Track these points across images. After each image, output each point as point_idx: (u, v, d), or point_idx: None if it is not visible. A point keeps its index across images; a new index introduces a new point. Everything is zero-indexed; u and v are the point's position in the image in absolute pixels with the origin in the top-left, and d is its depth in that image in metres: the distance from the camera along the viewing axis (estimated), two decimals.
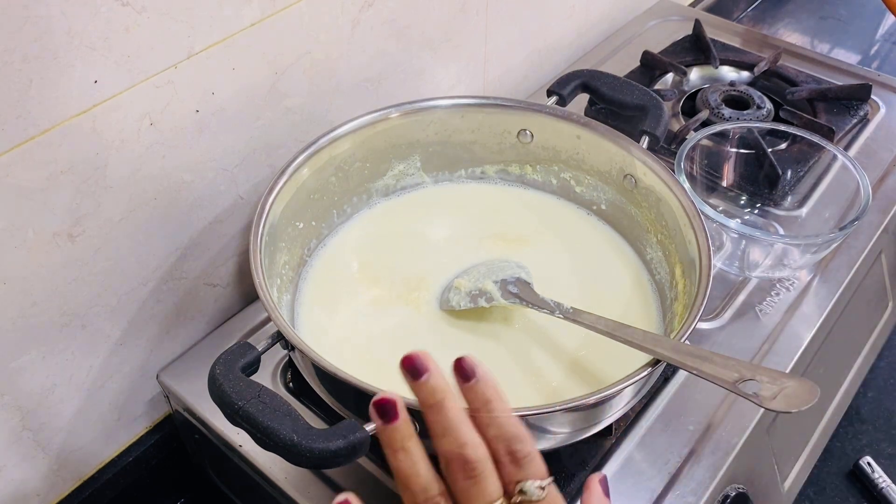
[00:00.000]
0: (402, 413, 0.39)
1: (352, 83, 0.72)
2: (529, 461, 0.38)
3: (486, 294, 0.62)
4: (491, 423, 0.38)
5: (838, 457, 0.89)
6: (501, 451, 0.38)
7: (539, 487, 0.37)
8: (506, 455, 0.38)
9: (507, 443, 0.38)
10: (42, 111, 0.50)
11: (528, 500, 0.37)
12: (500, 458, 0.38)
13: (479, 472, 0.37)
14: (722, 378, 0.47)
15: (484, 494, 0.37)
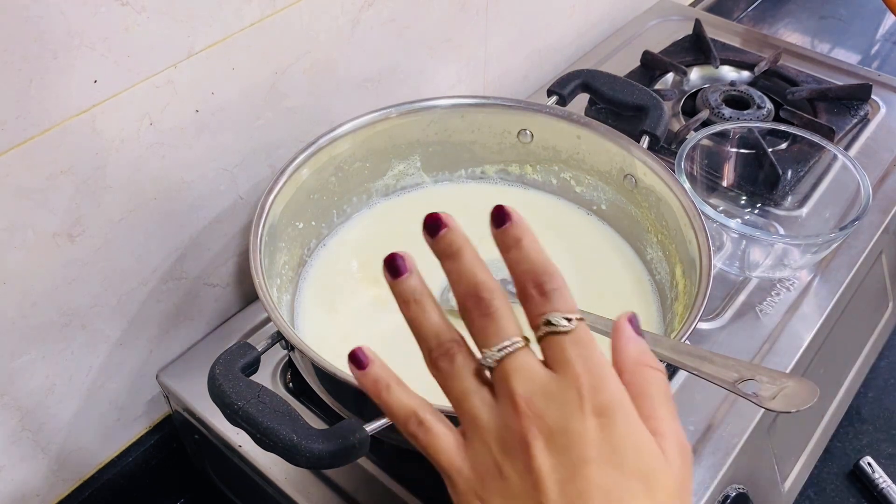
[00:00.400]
0: (412, 269, 0.38)
1: (352, 83, 0.72)
2: (558, 295, 0.35)
3: None
4: (521, 260, 0.37)
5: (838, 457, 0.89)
6: (529, 285, 0.36)
7: (566, 318, 0.34)
8: (533, 288, 0.35)
9: (535, 276, 0.36)
10: (42, 111, 0.50)
11: (555, 331, 0.34)
12: (529, 291, 0.36)
13: (494, 309, 0.35)
14: (722, 378, 0.47)
15: (500, 331, 0.35)
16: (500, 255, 0.70)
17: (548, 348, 0.34)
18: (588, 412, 0.32)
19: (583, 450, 0.32)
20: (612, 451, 0.32)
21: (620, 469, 0.32)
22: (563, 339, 0.34)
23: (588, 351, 0.34)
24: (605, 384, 0.33)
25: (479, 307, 0.36)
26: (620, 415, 0.33)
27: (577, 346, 0.34)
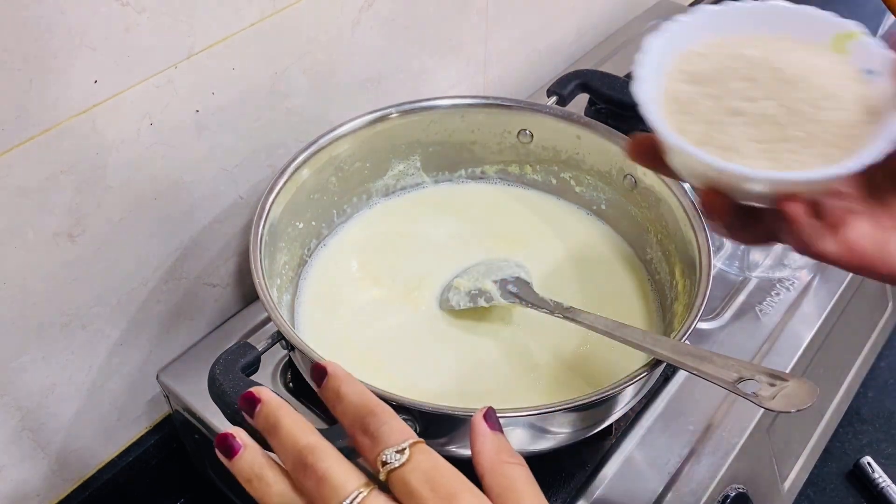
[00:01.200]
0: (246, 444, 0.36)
1: (352, 83, 0.72)
2: (385, 430, 0.34)
3: (485, 294, 0.62)
4: (346, 410, 0.36)
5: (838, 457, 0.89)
6: (358, 433, 0.35)
7: (397, 452, 0.33)
8: (362, 435, 0.35)
9: (360, 421, 0.35)
10: (42, 111, 0.50)
11: (392, 467, 0.33)
12: (359, 440, 0.35)
13: (324, 471, 0.33)
14: (722, 378, 0.47)
15: (339, 490, 0.33)
16: (498, 255, 0.70)
17: (393, 486, 0.33)
18: None
19: None
20: None
21: None
22: (402, 471, 0.33)
23: (430, 473, 0.33)
24: (456, 498, 0.32)
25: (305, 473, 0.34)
26: None
27: (416, 472, 0.33)
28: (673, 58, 0.40)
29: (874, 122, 0.35)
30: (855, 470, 0.87)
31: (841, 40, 0.37)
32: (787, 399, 0.45)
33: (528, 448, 0.53)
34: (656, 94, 0.38)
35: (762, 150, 0.35)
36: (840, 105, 0.36)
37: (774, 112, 0.36)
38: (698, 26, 0.40)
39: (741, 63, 0.37)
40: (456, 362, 0.60)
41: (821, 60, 0.37)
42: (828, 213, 0.35)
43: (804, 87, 0.36)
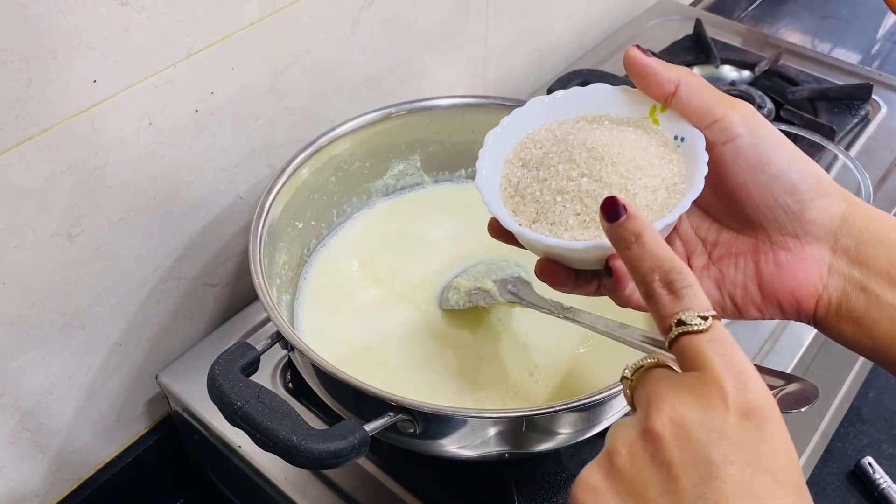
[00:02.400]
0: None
1: (352, 83, 0.72)
2: (690, 292, 0.33)
3: (485, 293, 0.62)
4: (644, 257, 0.34)
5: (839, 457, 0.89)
6: (657, 284, 0.34)
7: (700, 317, 0.32)
8: (662, 287, 0.33)
9: (663, 274, 0.33)
10: (41, 111, 0.49)
11: (689, 330, 0.32)
12: (656, 291, 0.34)
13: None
14: None
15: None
16: (498, 255, 0.70)
17: (683, 350, 0.32)
18: (732, 410, 0.30)
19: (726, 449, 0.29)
20: (758, 455, 0.29)
21: (772, 476, 0.29)
22: (700, 338, 0.32)
23: (729, 350, 0.31)
24: (749, 384, 0.30)
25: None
26: (772, 417, 0.30)
27: (715, 344, 0.32)
28: (511, 146, 0.44)
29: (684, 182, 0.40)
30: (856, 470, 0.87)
31: (654, 112, 0.42)
32: (789, 399, 0.45)
33: (528, 448, 0.53)
34: (496, 181, 0.44)
35: (582, 223, 0.40)
36: (649, 174, 0.40)
37: (590, 188, 0.40)
38: (532, 116, 0.45)
39: (563, 146, 0.42)
40: (456, 362, 0.60)
41: (634, 135, 0.41)
42: None
43: (617, 161, 0.40)
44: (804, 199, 0.38)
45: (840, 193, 0.39)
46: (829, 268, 0.39)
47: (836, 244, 0.38)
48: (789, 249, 0.39)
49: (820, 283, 0.39)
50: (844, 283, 0.38)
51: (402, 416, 0.47)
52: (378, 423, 0.47)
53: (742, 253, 0.41)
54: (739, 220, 0.40)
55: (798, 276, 0.39)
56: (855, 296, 0.38)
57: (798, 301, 0.39)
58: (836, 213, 0.38)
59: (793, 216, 0.38)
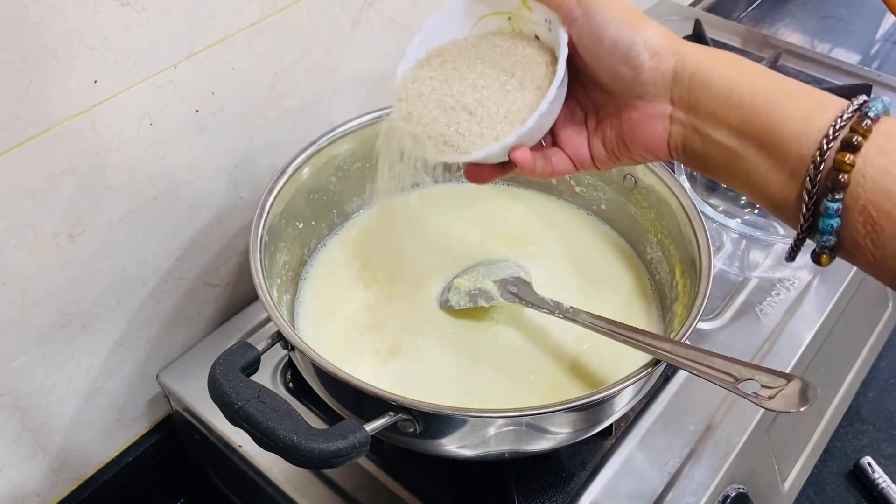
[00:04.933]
0: None
1: (352, 83, 0.72)
2: None
3: (485, 294, 0.62)
4: None
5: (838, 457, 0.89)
6: None
7: None
8: None
9: None
10: (42, 111, 0.50)
11: None
12: None
13: None
14: (722, 378, 0.47)
15: None
16: (498, 255, 0.70)
17: None
18: None
19: None
20: None
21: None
22: None
23: None
24: None
25: None
26: None
27: None
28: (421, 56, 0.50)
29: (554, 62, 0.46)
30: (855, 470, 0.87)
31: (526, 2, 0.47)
32: (787, 399, 0.45)
33: (528, 448, 0.53)
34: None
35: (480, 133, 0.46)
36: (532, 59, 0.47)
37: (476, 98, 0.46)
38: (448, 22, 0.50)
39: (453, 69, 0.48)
40: (456, 362, 0.60)
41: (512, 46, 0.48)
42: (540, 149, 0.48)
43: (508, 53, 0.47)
44: (636, 65, 0.42)
45: (670, 50, 0.42)
46: (670, 118, 0.43)
47: (673, 96, 0.43)
48: (637, 108, 0.44)
49: (665, 132, 0.44)
50: (683, 129, 0.43)
51: (402, 416, 0.48)
52: (378, 423, 0.47)
53: (613, 114, 0.46)
54: (601, 88, 0.46)
55: (646, 130, 0.44)
56: (693, 138, 0.43)
57: (652, 150, 0.45)
58: (668, 70, 0.42)
59: (631, 81, 0.43)
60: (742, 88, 0.40)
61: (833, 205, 0.37)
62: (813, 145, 0.37)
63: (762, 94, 0.40)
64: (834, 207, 0.37)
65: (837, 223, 0.37)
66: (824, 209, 0.37)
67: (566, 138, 0.48)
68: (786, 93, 0.40)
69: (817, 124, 0.38)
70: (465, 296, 0.63)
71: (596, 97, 0.47)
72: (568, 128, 0.48)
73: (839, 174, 0.36)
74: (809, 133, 0.38)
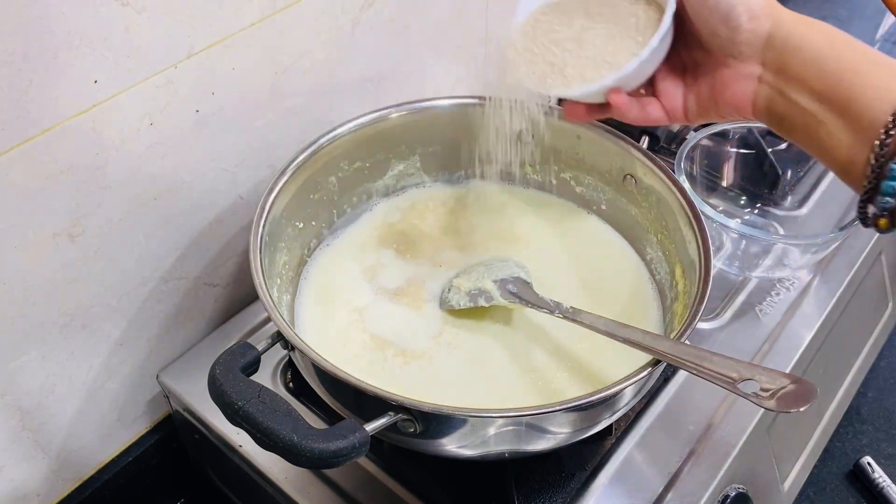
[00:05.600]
0: None
1: (352, 83, 0.72)
2: None
3: (485, 293, 0.62)
4: None
5: (838, 457, 0.89)
6: None
7: None
8: None
9: None
10: (42, 111, 0.50)
11: None
12: None
13: None
14: (722, 378, 0.47)
15: None
16: (498, 255, 0.70)
17: None
18: None
19: None
20: None
21: None
22: None
23: None
24: None
25: None
26: None
27: None
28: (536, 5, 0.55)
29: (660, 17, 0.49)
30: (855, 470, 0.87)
31: None
32: (787, 399, 0.45)
33: (528, 448, 0.53)
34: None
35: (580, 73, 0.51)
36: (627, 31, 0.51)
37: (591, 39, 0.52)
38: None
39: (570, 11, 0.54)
40: (456, 362, 0.60)
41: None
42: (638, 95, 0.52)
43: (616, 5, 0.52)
44: (734, 26, 0.46)
45: (767, 14, 0.45)
46: (758, 79, 0.47)
47: (765, 58, 0.46)
48: (730, 66, 0.48)
49: (752, 93, 0.47)
50: (770, 90, 0.46)
51: (402, 416, 0.48)
52: (378, 423, 0.47)
53: (709, 71, 0.49)
54: (701, 46, 0.49)
55: (735, 89, 0.48)
56: (777, 100, 0.46)
57: (738, 108, 0.48)
58: (763, 33, 0.45)
59: (727, 40, 0.46)
60: (829, 56, 0.44)
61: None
62: (888, 111, 0.41)
63: (848, 63, 0.43)
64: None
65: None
66: (889, 171, 0.41)
67: (664, 90, 0.52)
68: (871, 63, 0.43)
69: (894, 94, 0.41)
70: (465, 295, 0.63)
71: (696, 54, 0.50)
72: (667, 80, 0.52)
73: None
74: (885, 100, 0.41)
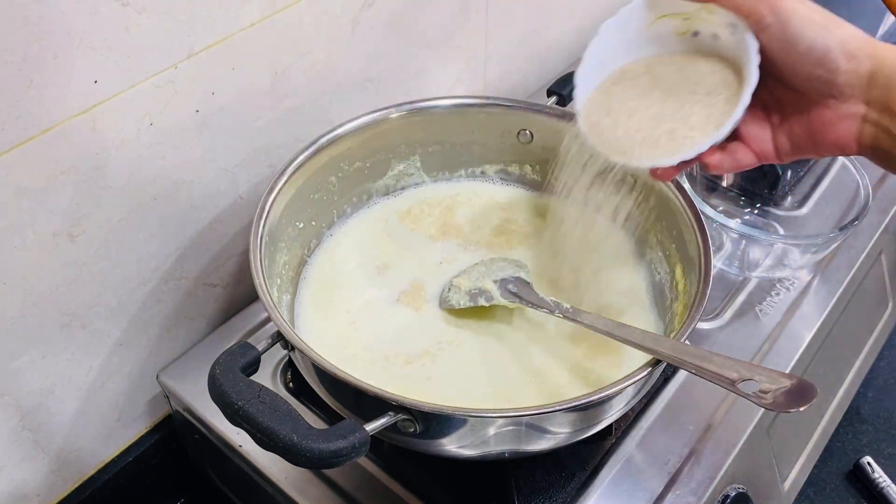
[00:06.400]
0: None
1: (352, 83, 0.72)
2: None
3: (485, 293, 0.62)
4: None
5: (838, 457, 0.89)
6: None
7: None
8: None
9: None
10: (42, 111, 0.50)
11: None
12: None
13: None
14: (722, 378, 0.47)
15: None
16: (498, 255, 0.70)
17: None
18: None
19: None
20: None
21: None
22: None
23: None
24: None
25: None
26: None
27: None
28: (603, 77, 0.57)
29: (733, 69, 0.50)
30: (855, 470, 0.87)
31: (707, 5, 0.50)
32: (787, 399, 0.45)
33: (528, 448, 0.53)
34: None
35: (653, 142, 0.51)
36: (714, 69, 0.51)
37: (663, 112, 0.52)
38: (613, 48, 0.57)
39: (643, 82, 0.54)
40: (456, 362, 0.60)
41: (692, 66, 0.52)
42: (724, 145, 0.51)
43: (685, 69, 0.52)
44: (832, 68, 0.44)
45: (867, 53, 0.44)
46: (863, 118, 0.46)
47: (869, 97, 0.45)
48: (829, 107, 0.46)
49: (857, 131, 0.46)
50: (875, 128, 0.45)
51: (402, 416, 0.48)
52: (378, 423, 0.47)
53: (802, 111, 0.48)
54: (791, 88, 0.48)
55: (838, 129, 0.47)
56: (884, 139, 0.45)
57: (841, 148, 0.48)
58: (864, 72, 0.44)
59: (826, 83, 0.45)
60: None
61: None
62: None
63: None
64: None
65: None
66: None
67: (749, 133, 0.51)
68: None
69: None
70: (465, 295, 0.63)
71: (781, 94, 0.49)
72: (750, 124, 0.51)
73: None
74: None
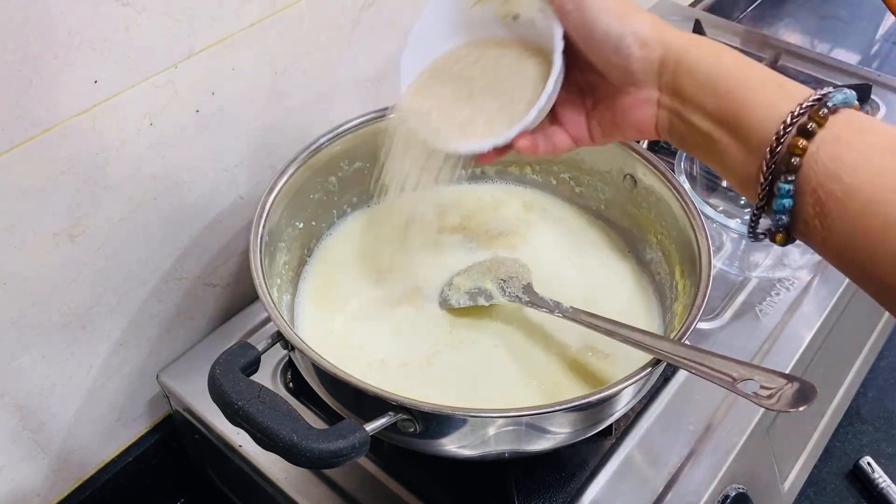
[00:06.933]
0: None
1: (352, 83, 0.72)
2: None
3: (485, 292, 0.62)
4: None
5: (838, 457, 0.89)
6: None
7: None
8: None
9: None
10: (42, 111, 0.50)
11: None
12: None
13: None
14: (722, 378, 0.47)
15: None
16: (498, 255, 0.70)
17: None
18: None
19: None
20: None
21: None
22: None
23: None
24: None
25: None
26: None
27: None
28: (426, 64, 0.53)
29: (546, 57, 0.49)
30: (855, 470, 0.87)
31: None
32: (787, 399, 0.45)
33: (528, 448, 0.53)
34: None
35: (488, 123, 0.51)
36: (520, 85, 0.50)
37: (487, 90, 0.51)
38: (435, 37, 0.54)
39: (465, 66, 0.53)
40: (456, 362, 0.60)
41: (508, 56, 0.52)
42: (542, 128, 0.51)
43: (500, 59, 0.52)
44: (626, 55, 0.45)
45: (657, 39, 0.45)
46: (657, 103, 0.46)
47: (660, 82, 0.46)
48: (629, 93, 0.47)
49: (653, 116, 0.47)
50: (669, 113, 0.46)
51: (402, 416, 0.48)
52: (378, 423, 0.47)
53: (608, 96, 0.49)
54: (597, 71, 0.48)
55: (637, 114, 0.47)
56: (676, 122, 0.46)
57: (642, 132, 0.48)
58: (655, 59, 0.45)
59: (623, 70, 0.46)
60: (718, 77, 0.43)
61: (785, 186, 0.39)
62: (773, 130, 0.40)
63: (736, 82, 0.42)
64: (786, 188, 0.39)
65: (790, 203, 0.40)
66: (777, 190, 0.40)
67: (566, 117, 0.51)
68: (759, 82, 0.42)
69: (781, 111, 0.40)
70: (464, 294, 0.63)
71: (592, 79, 0.49)
72: (567, 108, 0.51)
73: (791, 157, 0.39)
74: (772, 119, 0.40)
